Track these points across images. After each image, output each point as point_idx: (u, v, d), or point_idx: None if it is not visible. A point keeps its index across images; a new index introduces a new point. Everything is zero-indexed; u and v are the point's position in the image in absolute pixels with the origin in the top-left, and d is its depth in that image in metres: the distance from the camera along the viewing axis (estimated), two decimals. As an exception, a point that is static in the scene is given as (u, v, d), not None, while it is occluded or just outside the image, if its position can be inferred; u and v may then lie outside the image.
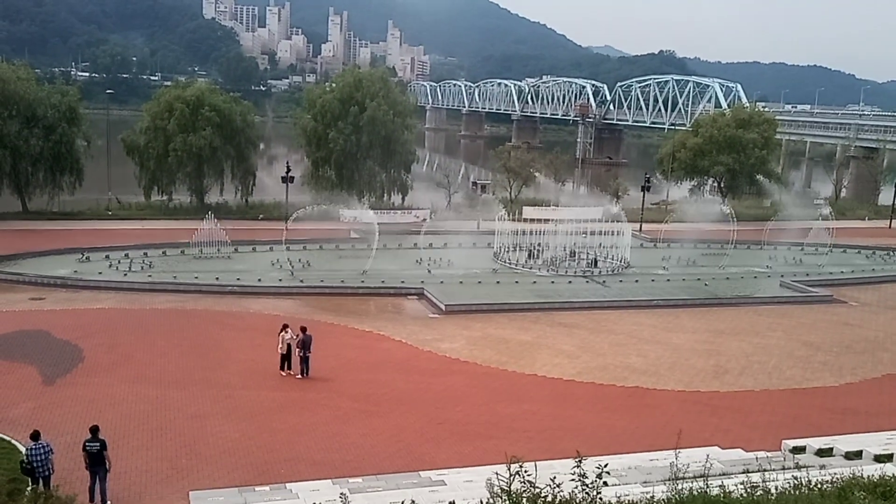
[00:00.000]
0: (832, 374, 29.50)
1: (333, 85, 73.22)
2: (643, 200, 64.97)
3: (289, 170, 58.93)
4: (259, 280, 40.83)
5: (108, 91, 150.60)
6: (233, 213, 61.42)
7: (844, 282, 47.65)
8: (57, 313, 33.33)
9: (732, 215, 52.99)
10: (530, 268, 47.24)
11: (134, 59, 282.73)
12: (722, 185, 79.47)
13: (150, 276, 41.11)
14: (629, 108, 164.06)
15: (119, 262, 43.53)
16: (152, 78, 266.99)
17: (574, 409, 24.57)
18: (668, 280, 45.96)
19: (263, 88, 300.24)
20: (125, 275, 41.14)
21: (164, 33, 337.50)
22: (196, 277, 40.55)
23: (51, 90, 63.52)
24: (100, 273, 40.98)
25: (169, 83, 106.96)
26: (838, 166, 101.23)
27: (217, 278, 40.77)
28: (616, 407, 24.93)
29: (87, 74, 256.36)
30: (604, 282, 44.75)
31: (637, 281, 45.24)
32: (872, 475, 11.38)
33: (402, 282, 41.83)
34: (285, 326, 27.00)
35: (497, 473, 8.44)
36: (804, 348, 32.90)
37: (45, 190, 61.34)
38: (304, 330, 26.26)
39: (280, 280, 41.28)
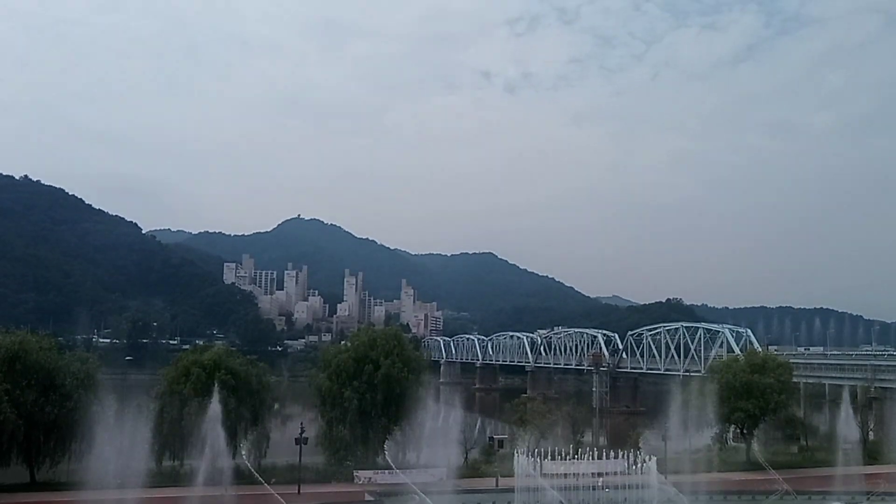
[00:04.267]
0: None
1: (348, 344, 74.57)
2: (665, 450, 63.06)
3: (302, 430, 58.22)
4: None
5: (128, 358, 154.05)
6: (244, 476, 59.68)
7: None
8: None
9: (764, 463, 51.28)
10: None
11: (154, 324, 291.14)
12: (744, 432, 77.48)
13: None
14: (642, 356, 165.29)
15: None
16: (171, 342, 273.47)
17: None
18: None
19: (280, 349, 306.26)
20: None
21: (185, 298, 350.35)
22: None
23: (71, 357, 64.80)
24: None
25: (187, 347, 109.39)
26: (861, 408, 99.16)
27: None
28: None
29: (108, 340, 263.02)
30: (633, 541, 42.26)
31: (668, 539, 42.72)
32: None
33: (420, 547, 39.69)
34: None
35: None
36: None
37: (54, 458, 60.35)
38: None
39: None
